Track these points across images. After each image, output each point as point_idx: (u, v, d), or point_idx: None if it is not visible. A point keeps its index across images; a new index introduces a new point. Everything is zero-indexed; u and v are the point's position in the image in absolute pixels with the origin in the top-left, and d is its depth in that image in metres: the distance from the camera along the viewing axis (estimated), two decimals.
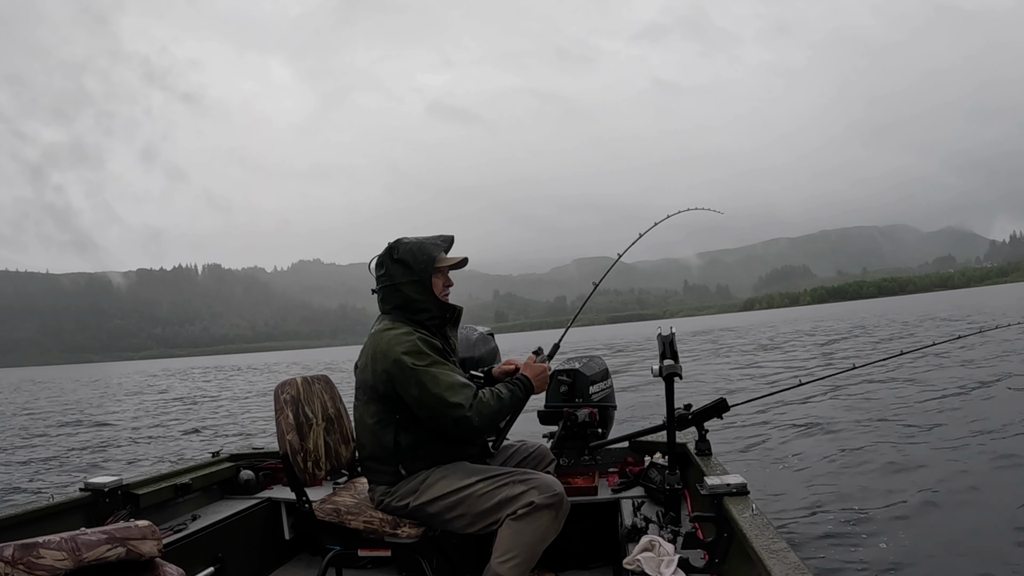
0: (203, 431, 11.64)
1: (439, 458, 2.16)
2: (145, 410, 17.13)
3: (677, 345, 2.27)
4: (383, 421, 2.13)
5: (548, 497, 2.01)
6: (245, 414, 14.21)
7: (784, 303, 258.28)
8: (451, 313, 2.29)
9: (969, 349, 12.66)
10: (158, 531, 1.68)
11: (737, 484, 1.92)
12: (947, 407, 7.66)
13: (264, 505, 2.91)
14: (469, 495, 2.07)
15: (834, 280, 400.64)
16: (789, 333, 30.28)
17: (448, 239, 2.31)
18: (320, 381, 2.49)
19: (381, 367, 2.09)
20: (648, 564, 1.88)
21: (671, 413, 2.31)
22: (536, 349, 2.39)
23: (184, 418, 14.27)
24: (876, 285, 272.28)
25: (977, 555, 3.50)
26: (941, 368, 10.90)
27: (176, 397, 21.21)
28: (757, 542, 1.58)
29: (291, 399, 2.27)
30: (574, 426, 2.68)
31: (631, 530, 2.18)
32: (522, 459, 2.37)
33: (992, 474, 4.85)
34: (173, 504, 2.70)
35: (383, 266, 2.23)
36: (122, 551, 1.55)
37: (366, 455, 2.23)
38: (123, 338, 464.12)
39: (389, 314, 2.23)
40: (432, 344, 2.15)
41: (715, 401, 2.55)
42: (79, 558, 1.47)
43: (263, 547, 2.86)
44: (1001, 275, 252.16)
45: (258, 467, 3.12)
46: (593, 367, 2.89)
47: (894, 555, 3.57)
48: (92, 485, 2.47)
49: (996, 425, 6.35)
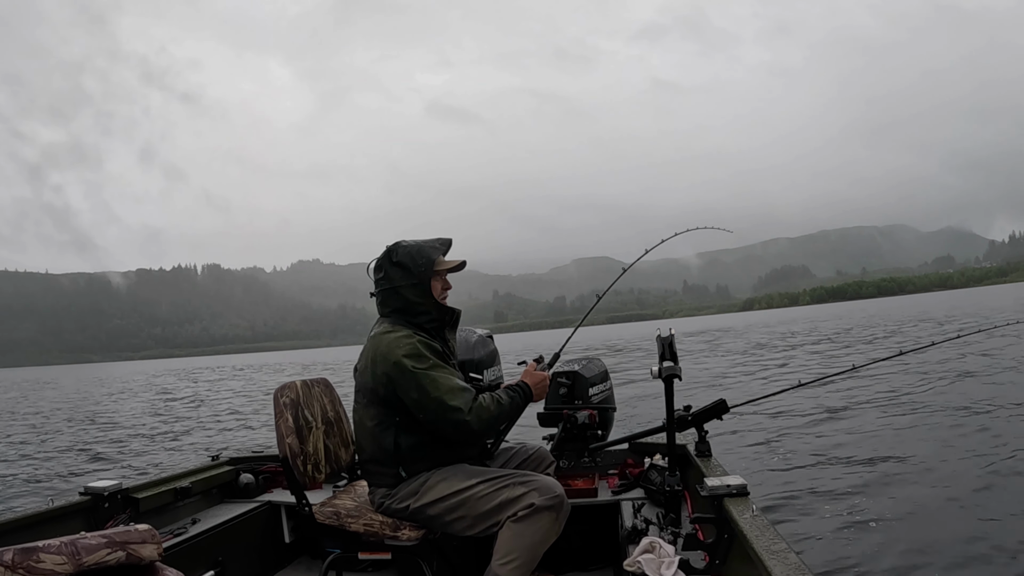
0: (202, 434, 11.62)
1: (439, 460, 2.16)
2: (145, 412, 17.11)
3: (676, 346, 2.27)
4: (383, 424, 2.13)
5: (549, 499, 2.02)
6: (244, 417, 14.20)
7: (783, 303, 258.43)
8: (450, 316, 2.29)
9: (970, 348, 12.66)
10: (158, 535, 1.67)
11: (737, 485, 1.92)
12: (948, 407, 7.66)
13: (264, 508, 2.90)
14: (470, 497, 2.07)
15: (833, 280, 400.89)
16: (788, 333, 30.29)
17: (446, 242, 2.32)
18: (319, 384, 2.49)
19: (381, 370, 2.09)
20: (648, 566, 1.88)
21: (671, 414, 2.31)
22: (537, 357, 2.39)
23: (183, 421, 14.25)
24: (875, 285, 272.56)
25: (978, 556, 3.50)
26: (942, 368, 10.91)
27: (175, 399, 21.20)
28: (758, 543, 1.57)
29: (290, 402, 2.27)
30: (574, 428, 2.68)
31: (631, 532, 2.18)
32: (522, 461, 2.38)
33: (994, 475, 4.85)
34: (173, 508, 2.70)
35: (382, 269, 2.23)
36: (122, 555, 1.54)
37: (366, 458, 2.23)
38: (122, 338, 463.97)
39: (388, 317, 2.23)
40: (432, 347, 2.15)
41: (715, 402, 2.55)
42: (79, 562, 1.46)
43: (263, 551, 2.86)
44: (1000, 275, 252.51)
45: (258, 470, 3.11)
46: (592, 369, 2.89)
47: (895, 556, 3.57)
48: (92, 489, 2.46)
49: (998, 425, 6.35)
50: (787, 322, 48.21)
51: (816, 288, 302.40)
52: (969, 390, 8.66)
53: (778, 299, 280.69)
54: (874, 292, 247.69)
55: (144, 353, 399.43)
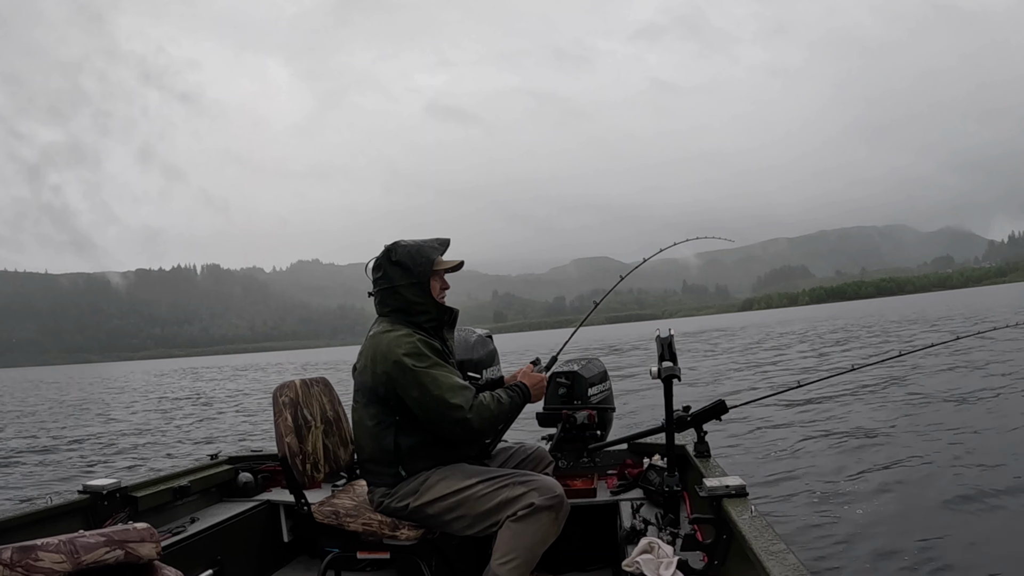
0: (201, 433, 11.62)
1: (439, 459, 2.17)
2: (143, 411, 17.11)
3: (676, 347, 2.27)
4: (383, 423, 2.13)
5: (549, 499, 2.02)
6: (243, 415, 14.19)
7: (783, 303, 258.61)
8: (448, 315, 2.30)
9: (967, 350, 12.66)
10: (156, 534, 1.67)
11: (736, 486, 1.91)
12: (947, 407, 7.67)
13: (263, 508, 2.90)
14: (469, 496, 2.07)
15: (833, 280, 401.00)
16: (787, 333, 30.30)
17: (445, 242, 2.32)
18: (319, 383, 2.49)
19: (381, 369, 2.09)
20: (647, 566, 1.88)
21: (670, 415, 2.31)
22: (534, 359, 2.40)
23: (182, 420, 14.25)
24: (875, 285, 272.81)
25: (978, 555, 3.50)
26: (940, 369, 10.91)
27: (175, 398, 21.19)
28: (756, 544, 1.57)
29: (290, 401, 2.27)
30: (573, 428, 2.68)
31: (630, 532, 2.18)
32: (520, 461, 2.38)
33: (996, 478, 4.83)
34: (172, 507, 2.70)
35: (380, 268, 2.23)
36: (120, 554, 1.54)
37: (365, 457, 2.23)
38: (122, 338, 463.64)
39: (387, 316, 2.23)
40: (432, 346, 2.16)
41: (714, 403, 2.55)
42: (77, 561, 1.46)
43: (262, 550, 2.86)
44: (999, 275, 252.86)
45: (257, 469, 3.11)
46: (592, 369, 2.89)
47: (895, 556, 3.57)
48: (90, 487, 2.46)
49: (1000, 426, 6.34)
50: (786, 322, 48.24)
51: (815, 288, 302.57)
52: (969, 390, 8.65)
53: (777, 299, 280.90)
54: (873, 292, 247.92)
55: (143, 353, 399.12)
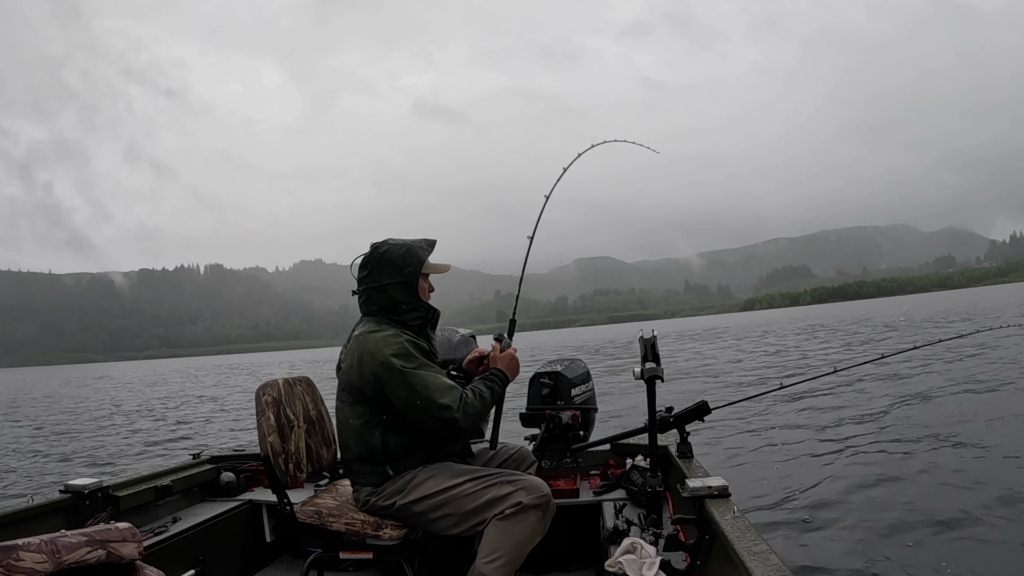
0: (184, 432, 11.59)
1: (427, 458, 2.16)
2: (128, 411, 17.06)
3: (659, 348, 2.28)
4: (370, 422, 2.12)
5: (536, 498, 2.02)
6: (228, 414, 14.17)
7: (784, 303, 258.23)
8: (432, 315, 2.29)
9: (955, 351, 12.62)
10: (139, 533, 1.67)
11: (718, 486, 1.90)
12: (928, 409, 7.65)
13: (245, 507, 2.88)
14: (457, 494, 2.07)
15: (834, 280, 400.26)
16: (786, 333, 30.29)
17: (432, 242, 2.30)
18: (302, 383, 2.48)
19: (369, 369, 2.08)
20: (630, 566, 1.87)
21: (652, 416, 2.31)
22: (497, 335, 2.36)
23: (166, 419, 14.22)
24: (876, 285, 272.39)
25: (960, 555, 3.50)
26: (927, 371, 10.88)
27: (158, 397, 21.15)
28: (739, 544, 1.56)
29: (272, 400, 2.26)
30: (556, 428, 2.68)
31: (613, 532, 2.17)
32: (503, 461, 2.37)
33: (979, 474, 4.83)
34: (154, 506, 2.68)
35: (367, 267, 2.21)
36: (102, 554, 1.55)
37: (351, 456, 2.21)
38: (125, 338, 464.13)
39: (373, 316, 2.21)
40: (419, 346, 2.15)
41: (696, 404, 2.55)
42: (59, 560, 1.46)
43: (244, 550, 2.84)
44: (1000, 275, 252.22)
45: (239, 469, 3.09)
46: (575, 369, 2.88)
47: (876, 557, 3.56)
48: (72, 487, 2.43)
49: (985, 427, 6.34)
50: (786, 322, 48.15)
51: (817, 288, 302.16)
52: (953, 392, 8.62)
53: (779, 299, 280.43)
54: (874, 292, 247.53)
55: (147, 353, 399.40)
